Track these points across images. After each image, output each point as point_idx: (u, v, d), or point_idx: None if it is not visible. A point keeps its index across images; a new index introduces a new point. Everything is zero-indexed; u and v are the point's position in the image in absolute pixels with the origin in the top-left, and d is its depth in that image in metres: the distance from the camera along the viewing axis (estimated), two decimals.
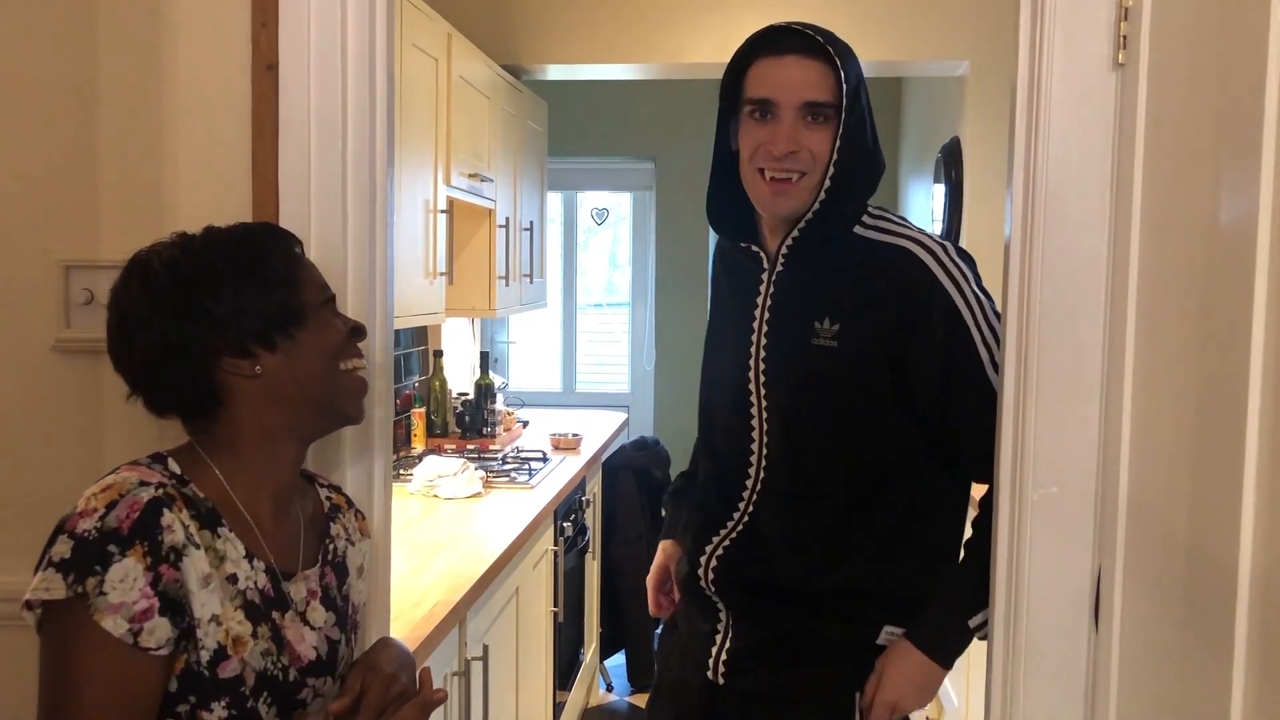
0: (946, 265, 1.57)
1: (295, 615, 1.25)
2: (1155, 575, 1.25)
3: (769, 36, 1.58)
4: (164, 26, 1.45)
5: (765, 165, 1.56)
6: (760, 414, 1.65)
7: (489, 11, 3.82)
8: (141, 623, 1.09)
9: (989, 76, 3.75)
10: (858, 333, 1.58)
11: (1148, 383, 1.28)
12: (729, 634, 1.68)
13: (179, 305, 1.19)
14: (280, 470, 1.27)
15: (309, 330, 1.24)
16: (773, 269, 1.65)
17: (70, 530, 1.10)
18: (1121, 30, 1.34)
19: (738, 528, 1.67)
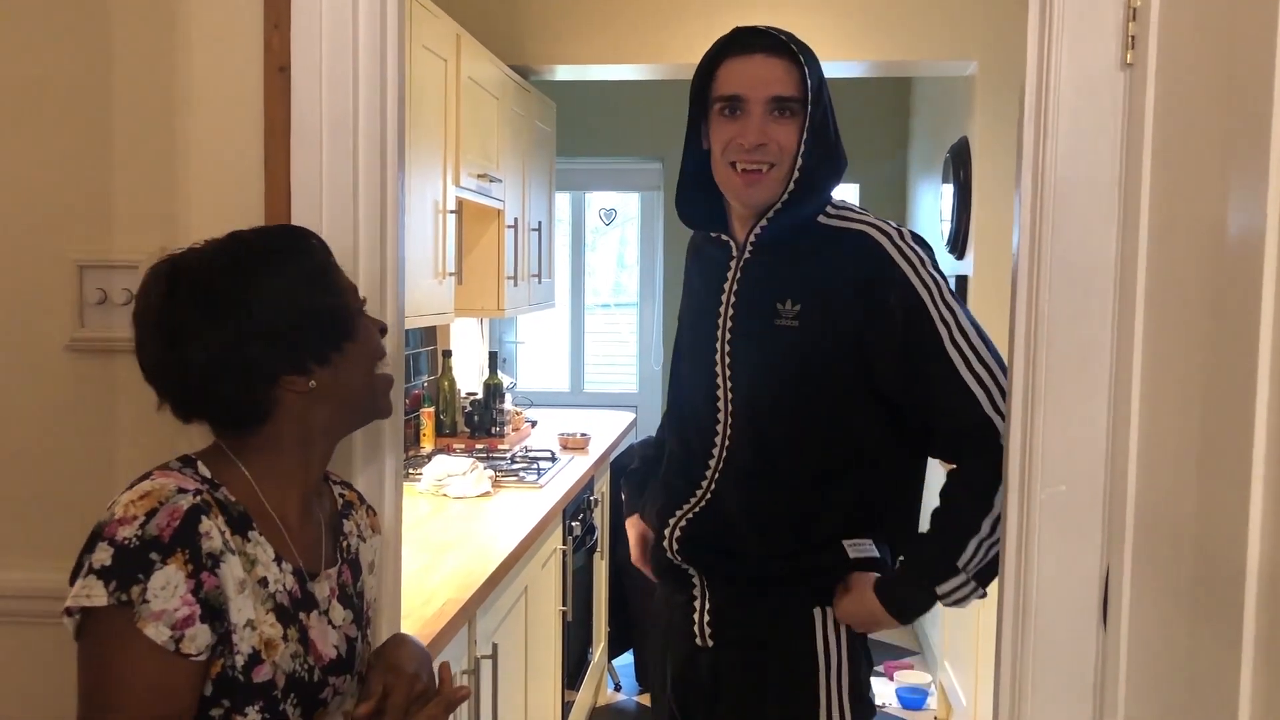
0: (901, 247, 1.64)
1: (320, 615, 1.26)
2: (1164, 574, 1.25)
3: (736, 38, 1.68)
4: (177, 28, 1.46)
5: (737, 158, 1.65)
6: (725, 394, 1.72)
7: (497, 11, 3.83)
8: (183, 629, 1.10)
9: (997, 76, 3.75)
10: (818, 312, 1.65)
11: (1156, 382, 1.28)
12: (705, 595, 1.75)
13: (240, 323, 1.17)
14: (310, 472, 1.28)
15: (357, 342, 1.26)
16: (740, 256, 1.74)
17: (110, 537, 1.10)
18: (1130, 31, 1.34)
19: (700, 504, 1.74)
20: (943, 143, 4.43)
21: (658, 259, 5.82)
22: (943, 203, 4.30)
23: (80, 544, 1.34)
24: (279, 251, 1.22)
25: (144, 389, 1.47)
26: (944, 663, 3.97)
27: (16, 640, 1.52)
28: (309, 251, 1.25)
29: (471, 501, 3.03)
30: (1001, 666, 1.49)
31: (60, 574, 1.43)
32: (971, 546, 1.61)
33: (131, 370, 1.48)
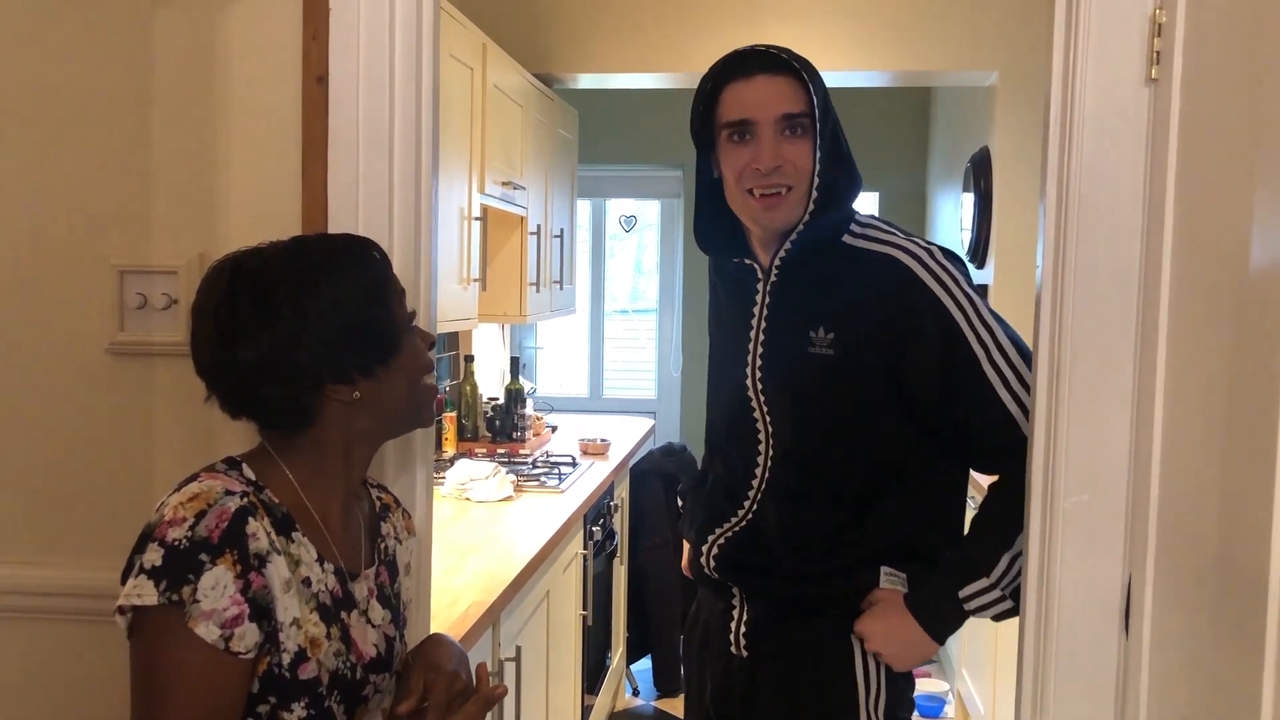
0: (933, 269, 1.61)
1: (360, 614, 1.28)
2: (1186, 583, 1.26)
3: (734, 62, 1.63)
4: (218, 39, 1.49)
5: (754, 184, 1.61)
6: (764, 418, 1.71)
7: (522, 20, 3.86)
8: (232, 628, 1.12)
9: (1018, 87, 3.77)
10: (852, 340, 1.63)
11: (1179, 393, 1.30)
12: (744, 606, 1.74)
13: (292, 328, 1.19)
14: (352, 476, 1.31)
15: (403, 356, 1.28)
16: (767, 280, 1.70)
17: (160, 538, 1.12)
18: (1154, 46, 1.36)
19: (740, 524, 1.73)
20: (963, 152, 4.44)
21: (677, 266, 5.84)
22: (963, 212, 4.31)
23: (120, 543, 1.37)
24: (339, 261, 1.24)
25: (181, 391, 1.51)
26: (961, 671, 3.97)
27: (56, 637, 1.56)
28: (367, 263, 1.26)
29: (493, 505, 3.06)
30: (1023, 673, 1.51)
31: (100, 572, 1.47)
32: (1005, 561, 1.59)
33: (169, 373, 1.52)
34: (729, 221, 1.71)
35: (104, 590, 1.41)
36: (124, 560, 1.19)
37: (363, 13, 1.46)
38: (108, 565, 1.42)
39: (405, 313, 1.31)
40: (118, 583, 1.17)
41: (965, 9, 3.74)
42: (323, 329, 1.20)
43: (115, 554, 1.41)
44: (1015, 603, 1.58)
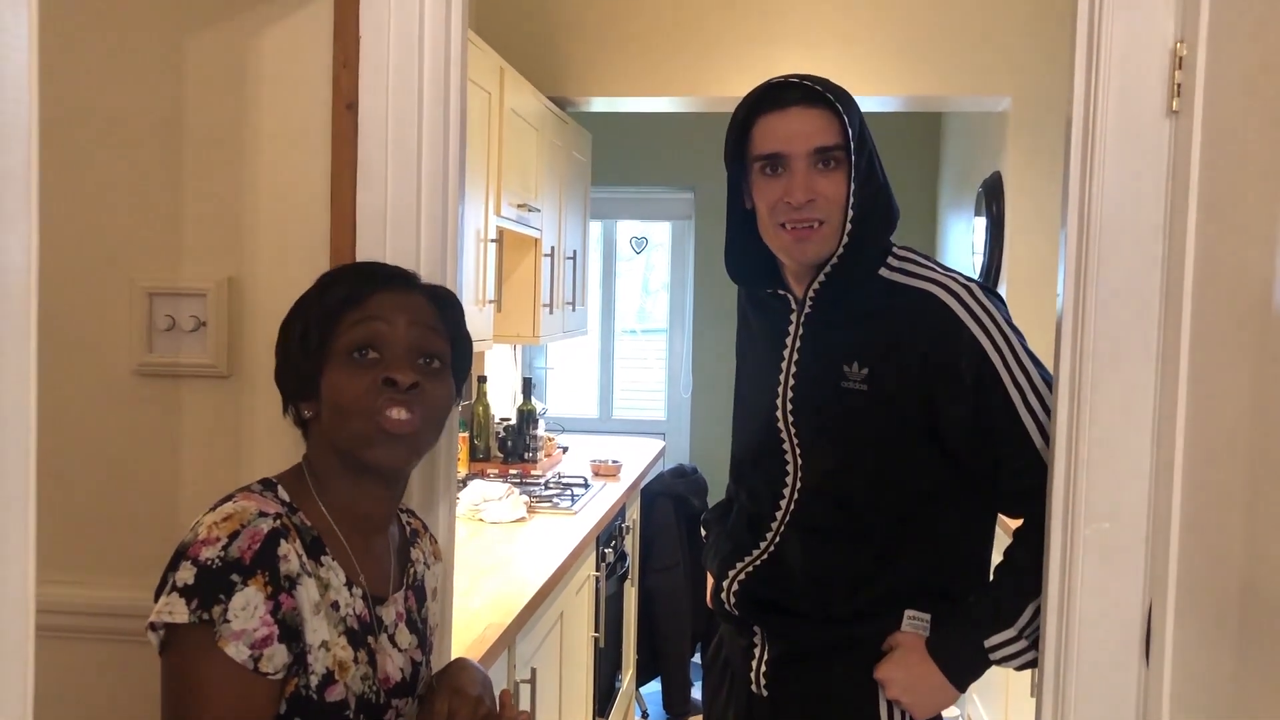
0: (972, 307, 1.59)
1: (386, 638, 1.29)
2: (1209, 611, 1.27)
3: (768, 93, 1.61)
4: (249, 66, 1.52)
5: (786, 218, 1.59)
6: (793, 451, 1.69)
7: (538, 45, 3.89)
8: (262, 649, 1.13)
9: (1031, 112, 3.79)
10: (886, 376, 1.60)
11: (1201, 422, 1.31)
12: (764, 646, 1.72)
13: (279, 344, 1.30)
14: (371, 504, 1.31)
15: (328, 383, 1.25)
16: (800, 311, 1.69)
17: (194, 557, 1.14)
18: (1175, 78, 1.38)
19: (762, 556, 1.72)
20: (975, 176, 4.46)
21: (688, 287, 5.86)
22: (975, 236, 4.32)
23: (145, 563, 1.38)
24: (317, 285, 1.32)
25: (208, 412, 1.53)
26: (972, 694, 3.96)
27: (83, 655, 1.57)
28: (329, 288, 1.29)
29: (507, 526, 3.07)
30: (1043, 700, 1.51)
31: (126, 591, 1.48)
32: (1030, 611, 1.57)
33: (196, 394, 1.54)
34: (761, 251, 1.69)
35: (129, 609, 1.42)
36: (150, 580, 1.20)
37: (393, 41, 1.48)
38: (134, 585, 1.43)
39: (354, 339, 1.25)
40: (143, 602, 1.19)
41: (979, 35, 3.77)
42: (281, 347, 1.30)
43: (141, 574, 1.42)
44: (1038, 652, 1.56)
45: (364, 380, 1.23)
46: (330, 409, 1.25)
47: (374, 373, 1.23)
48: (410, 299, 1.29)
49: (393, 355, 1.25)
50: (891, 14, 3.79)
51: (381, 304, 1.26)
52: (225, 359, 1.54)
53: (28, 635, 0.73)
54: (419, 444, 1.29)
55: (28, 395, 0.71)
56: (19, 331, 0.70)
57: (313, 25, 1.49)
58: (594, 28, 3.90)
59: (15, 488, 0.71)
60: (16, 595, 0.71)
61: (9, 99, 0.68)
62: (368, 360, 1.24)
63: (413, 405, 1.24)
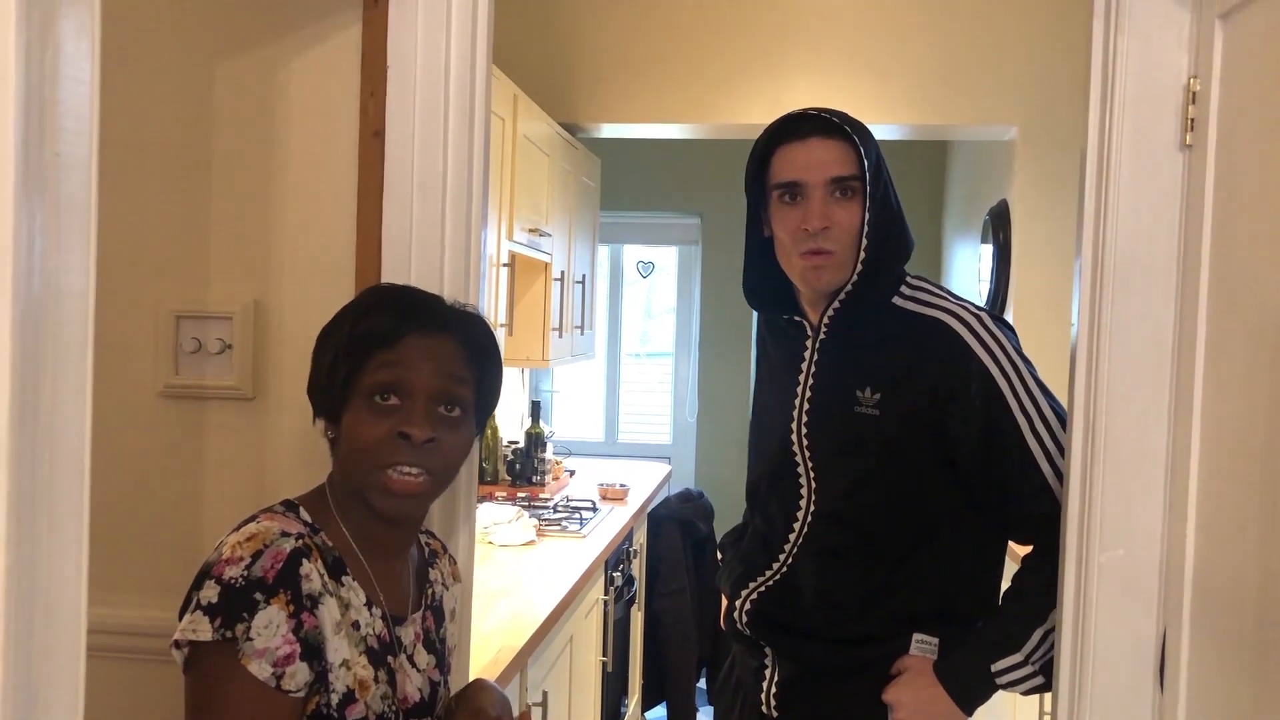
0: (982, 336, 1.62)
1: (405, 658, 1.31)
2: (1223, 638, 1.28)
3: (788, 124, 1.65)
4: (277, 94, 1.54)
5: (804, 246, 1.62)
6: (807, 474, 1.72)
7: (551, 72, 3.93)
8: (284, 667, 1.15)
9: (1038, 142, 3.82)
10: (898, 402, 1.63)
11: (1215, 451, 1.32)
12: (775, 667, 1.74)
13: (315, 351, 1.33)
14: (389, 533, 1.32)
15: (347, 420, 1.26)
16: (816, 337, 1.72)
17: (218, 576, 1.16)
18: (1189, 114, 1.40)
19: (775, 577, 1.74)
20: (982, 204, 4.49)
21: (694, 312, 5.88)
22: (981, 263, 4.35)
23: (170, 583, 1.40)
24: (358, 310, 1.32)
25: (233, 434, 1.55)
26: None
27: (107, 675, 1.57)
28: (370, 318, 1.29)
29: (516, 550, 3.08)
30: None
31: (151, 611, 1.50)
32: (1037, 636, 1.59)
33: (221, 416, 1.56)
34: (779, 278, 1.73)
35: (154, 629, 1.44)
36: (173, 600, 1.22)
37: (419, 71, 1.51)
38: (159, 604, 1.45)
39: (379, 383, 1.25)
40: (165, 621, 1.20)
41: (986, 64, 3.81)
42: (318, 361, 1.32)
43: (163, 594, 1.44)
44: (1046, 678, 1.58)
45: (381, 429, 1.24)
46: (346, 446, 1.27)
47: (392, 421, 1.24)
48: (441, 343, 1.29)
49: (413, 406, 1.25)
50: (900, 45, 3.83)
51: (412, 349, 1.26)
52: (250, 381, 1.56)
53: (79, 654, 0.75)
54: (425, 500, 1.30)
55: (84, 418, 0.73)
56: (77, 356, 0.72)
57: (341, 55, 1.52)
58: (605, 55, 3.94)
59: (70, 508, 0.73)
60: (70, 613, 0.73)
61: (73, 130, 0.70)
62: (388, 406, 1.25)
63: (425, 460, 1.25)
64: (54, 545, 0.72)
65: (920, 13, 3.82)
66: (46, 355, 0.69)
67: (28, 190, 0.66)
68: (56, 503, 0.71)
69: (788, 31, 3.88)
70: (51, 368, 0.69)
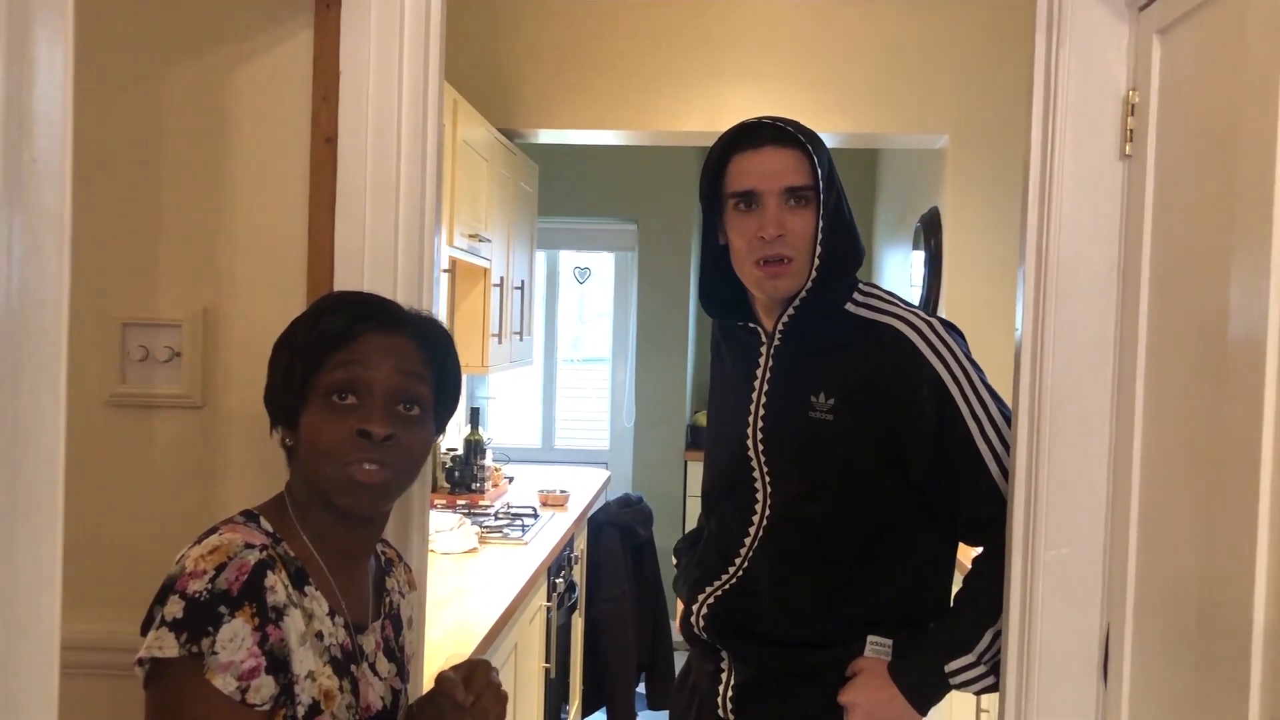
0: (933, 342, 1.65)
1: (367, 667, 1.30)
2: (1165, 633, 1.33)
3: (743, 133, 1.67)
4: (227, 99, 1.52)
5: (759, 253, 1.64)
6: (762, 479, 1.73)
7: (489, 77, 3.92)
8: (249, 680, 1.13)
9: (969, 150, 3.90)
10: (852, 407, 1.66)
11: (1156, 450, 1.37)
12: (731, 671, 1.76)
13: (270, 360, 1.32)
14: (351, 538, 1.31)
15: (305, 422, 1.25)
16: (770, 344, 1.74)
17: (181, 590, 1.14)
18: (1129, 125, 1.45)
19: (731, 581, 1.75)
20: (913, 211, 4.57)
21: (631, 317, 5.90)
22: (913, 269, 4.43)
23: (116, 595, 1.37)
24: (314, 314, 1.31)
25: (182, 444, 1.52)
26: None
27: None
28: (318, 321, 1.29)
29: (458, 557, 3.06)
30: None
31: (101, 624, 1.46)
32: (988, 637, 1.62)
33: (170, 425, 1.53)
34: (734, 286, 1.75)
35: (98, 643, 1.41)
36: (122, 612, 1.20)
37: (372, 77, 1.50)
38: (106, 617, 1.42)
39: (335, 382, 1.25)
40: (117, 635, 1.18)
41: (918, 74, 3.88)
42: (272, 366, 1.31)
43: (113, 605, 1.41)
44: (998, 677, 1.62)
45: (340, 428, 1.23)
46: (306, 448, 1.25)
47: (350, 420, 1.23)
48: (397, 342, 1.28)
49: (371, 404, 1.24)
50: (835, 55, 3.89)
51: (368, 347, 1.26)
52: (200, 390, 1.54)
53: (53, 668, 0.74)
54: (389, 492, 1.29)
55: (58, 429, 0.72)
56: (52, 366, 0.71)
57: (292, 60, 1.51)
58: (544, 62, 3.94)
59: (46, 519, 0.72)
60: (45, 626, 0.72)
61: (48, 137, 0.69)
62: (346, 405, 1.24)
63: (386, 457, 1.24)
64: (30, 557, 0.70)
65: (855, 24, 3.89)
66: (24, 365, 0.68)
67: (9, 197, 0.65)
68: (33, 514, 0.70)
69: (725, 40, 3.91)
70: (30, 378, 0.68)
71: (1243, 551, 1.10)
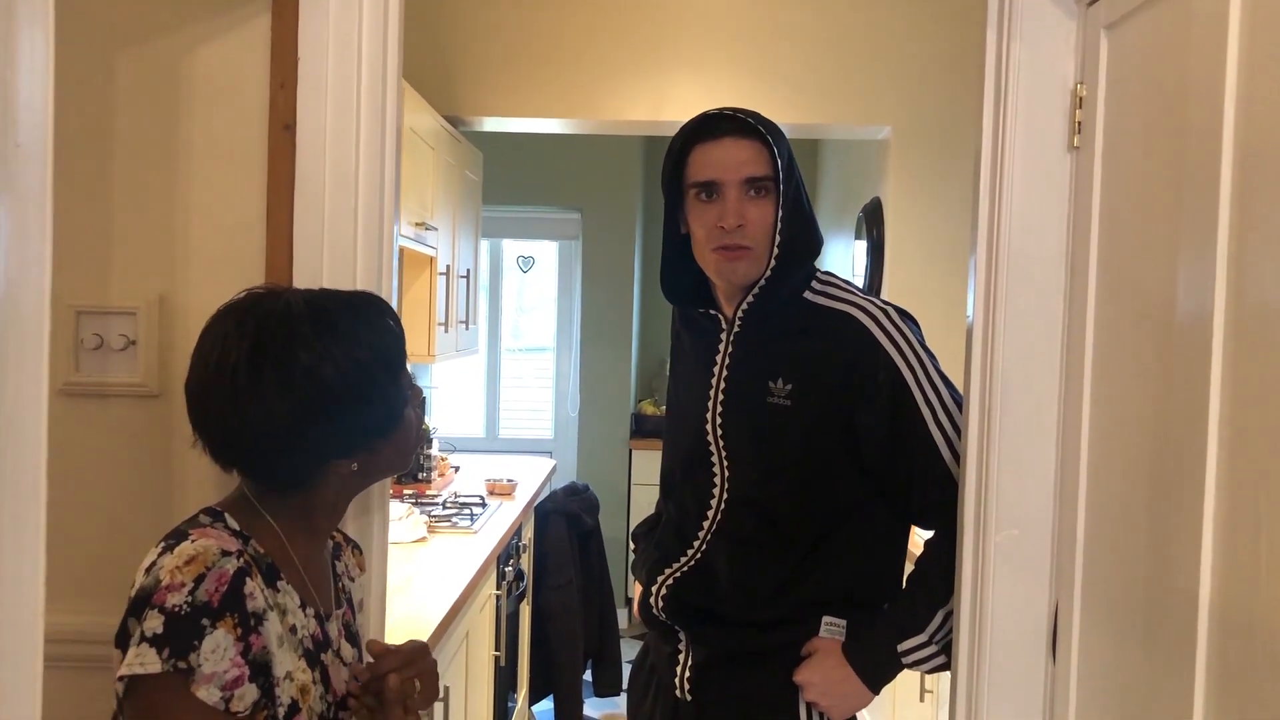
0: (888, 329, 1.68)
1: (333, 654, 1.30)
2: (1113, 608, 1.37)
3: (703, 124, 1.70)
4: (181, 84, 1.50)
5: (719, 241, 1.67)
6: (720, 463, 1.76)
7: (432, 63, 3.90)
8: (233, 689, 1.13)
9: (910, 141, 3.96)
10: (809, 393, 1.69)
11: (1103, 432, 1.42)
12: (689, 652, 1.79)
13: (310, 401, 1.21)
14: (333, 524, 1.34)
15: (402, 429, 1.32)
16: (730, 330, 1.77)
17: (160, 605, 1.12)
18: (1077, 117, 1.49)
19: (690, 563, 1.78)
20: (855, 201, 4.63)
21: (575, 306, 5.90)
22: (855, 259, 4.49)
23: (72, 583, 1.35)
24: (360, 333, 1.25)
25: (137, 433, 1.50)
26: None
27: None
28: (385, 335, 1.29)
29: (408, 547, 3.05)
30: (957, 697, 1.60)
31: (57, 615, 1.44)
32: (940, 617, 1.66)
33: (125, 414, 1.51)
34: (694, 273, 1.77)
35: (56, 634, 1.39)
36: (75, 603, 1.18)
37: (331, 63, 1.49)
38: (62, 609, 1.40)
39: (409, 381, 1.33)
40: (70, 625, 1.16)
41: (861, 66, 3.92)
42: (336, 407, 1.21)
43: (68, 597, 1.40)
44: (948, 657, 1.66)
45: (416, 419, 1.37)
46: (400, 445, 1.33)
47: (416, 414, 1.37)
48: None
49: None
50: (779, 46, 3.92)
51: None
52: (156, 378, 1.52)
53: (36, 655, 0.73)
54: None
55: (41, 415, 0.72)
56: (35, 352, 0.71)
57: (249, 45, 1.49)
58: (488, 48, 3.92)
59: (28, 505, 0.71)
60: (28, 614, 0.72)
61: (31, 122, 0.69)
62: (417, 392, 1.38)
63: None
64: (12, 544, 0.70)
65: (799, 16, 3.92)
66: (9, 351, 0.67)
67: None
68: (17, 500, 0.70)
69: (669, 30, 3.93)
70: (14, 364, 0.68)
71: (1189, 530, 1.14)
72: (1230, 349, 1.09)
